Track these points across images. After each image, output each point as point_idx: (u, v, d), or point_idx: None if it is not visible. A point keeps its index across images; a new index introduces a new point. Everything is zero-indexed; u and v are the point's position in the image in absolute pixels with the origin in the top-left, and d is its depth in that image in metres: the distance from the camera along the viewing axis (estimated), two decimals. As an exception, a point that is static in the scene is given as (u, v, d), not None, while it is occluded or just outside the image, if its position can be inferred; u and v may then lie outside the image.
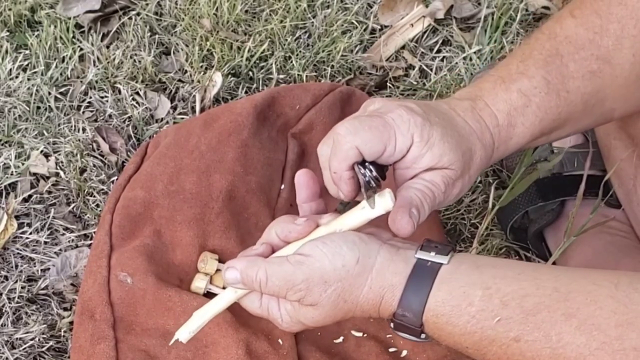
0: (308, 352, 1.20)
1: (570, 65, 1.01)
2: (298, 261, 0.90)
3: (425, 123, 0.92)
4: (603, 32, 1.01)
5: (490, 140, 0.98)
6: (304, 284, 0.90)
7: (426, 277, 0.89)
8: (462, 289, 0.88)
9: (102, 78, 1.49)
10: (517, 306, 0.85)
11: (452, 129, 0.95)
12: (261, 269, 0.91)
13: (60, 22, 1.53)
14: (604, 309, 0.82)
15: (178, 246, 1.25)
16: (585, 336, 0.82)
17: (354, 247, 0.91)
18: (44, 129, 1.43)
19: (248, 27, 1.56)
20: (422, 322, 0.89)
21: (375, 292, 0.90)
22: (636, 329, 0.81)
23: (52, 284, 1.30)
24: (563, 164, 1.36)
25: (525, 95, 0.99)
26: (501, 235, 1.40)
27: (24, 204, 1.37)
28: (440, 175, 0.94)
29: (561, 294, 0.85)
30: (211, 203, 1.28)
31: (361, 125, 0.91)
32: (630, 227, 1.31)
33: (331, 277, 0.90)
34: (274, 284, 0.90)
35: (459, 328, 0.87)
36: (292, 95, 1.40)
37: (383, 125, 0.91)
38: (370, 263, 0.90)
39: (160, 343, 1.18)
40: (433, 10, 1.60)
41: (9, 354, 1.23)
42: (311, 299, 0.90)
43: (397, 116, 0.92)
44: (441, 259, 0.90)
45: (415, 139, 0.92)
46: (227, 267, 0.93)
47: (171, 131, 1.37)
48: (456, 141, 0.94)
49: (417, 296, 0.89)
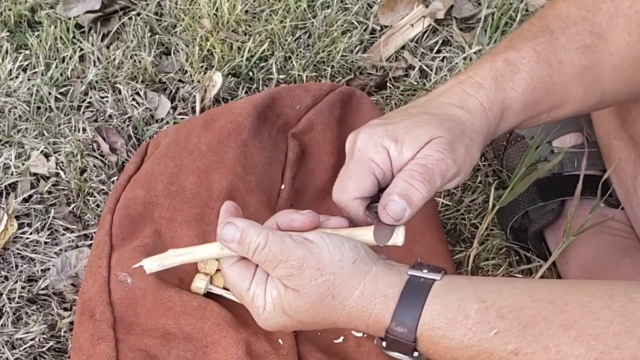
0: (308, 352, 1.20)
1: (561, 38, 1.00)
2: (300, 241, 0.90)
3: (386, 127, 0.94)
4: (596, 10, 1.01)
5: (475, 104, 0.97)
6: (297, 261, 0.89)
7: (420, 291, 0.89)
8: (457, 302, 0.87)
9: (102, 78, 1.49)
10: (514, 318, 0.85)
11: (420, 115, 0.95)
12: (263, 233, 0.90)
13: (61, 22, 1.53)
14: (600, 319, 0.82)
15: (178, 246, 1.25)
16: (584, 347, 0.81)
17: (355, 249, 0.91)
18: (44, 129, 1.43)
19: (248, 27, 1.56)
20: (417, 336, 0.88)
21: (367, 300, 0.90)
22: (634, 338, 0.80)
23: (52, 284, 1.30)
24: (563, 164, 1.36)
25: (512, 64, 0.99)
26: (501, 235, 1.40)
27: (24, 204, 1.37)
28: (430, 148, 0.93)
29: (557, 306, 0.84)
30: (211, 203, 1.28)
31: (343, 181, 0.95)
32: (630, 227, 1.31)
33: (325, 267, 0.89)
34: (270, 250, 0.89)
35: (455, 342, 0.86)
36: (292, 96, 1.40)
37: (356, 163, 0.94)
38: (366, 269, 0.90)
39: (161, 343, 1.18)
40: (433, 10, 1.60)
41: (9, 354, 1.23)
42: (300, 280, 0.89)
43: (361, 143, 0.95)
44: (434, 276, 0.90)
45: (385, 145, 0.94)
46: (226, 222, 0.92)
47: (171, 131, 1.37)
48: (426, 120, 0.94)
49: (411, 310, 0.88)
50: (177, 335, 1.18)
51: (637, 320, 0.81)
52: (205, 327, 1.18)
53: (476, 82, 0.98)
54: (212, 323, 1.18)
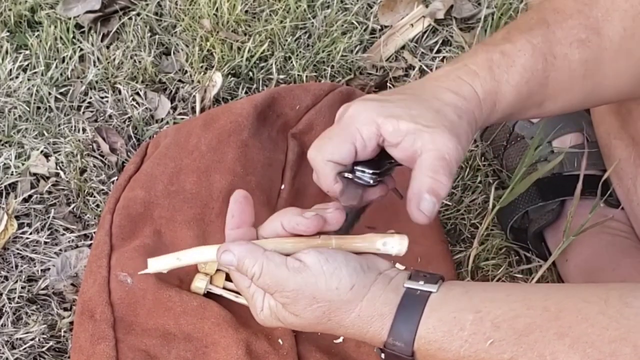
0: (308, 352, 1.20)
1: (557, 32, 1.00)
2: (295, 269, 0.90)
3: (382, 104, 0.94)
4: (592, 4, 1.01)
5: (469, 90, 0.97)
6: (292, 293, 0.89)
7: (416, 305, 0.89)
8: (452, 315, 0.87)
9: (102, 78, 1.49)
10: (508, 328, 0.84)
11: (416, 97, 0.95)
12: (258, 263, 0.90)
13: (61, 22, 1.53)
14: (595, 326, 0.81)
15: (178, 246, 1.25)
16: (579, 354, 0.81)
17: (353, 274, 0.90)
18: (44, 129, 1.43)
19: (248, 28, 1.56)
20: (414, 350, 0.88)
21: (363, 320, 0.90)
22: (629, 344, 0.80)
23: (52, 284, 1.30)
24: (563, 163, 1.36)
25: (508, 56, 0.98)
26: (501, 235, 1.40)
27: (24, 204, 1.37)
28: (443, 137, 0.92)
29: (552, 313, 0.84)
30: (211, 203, 1.28)
31: (322, 140, 0.94)
32: (630, 227, 1.31)
33: (322, 296, 0.89)
34: (265, 281, 0.90)
35: (452, 354, 0.86)
36: (292, 96, 1.40)
37: (341, 128, 0.93)
38: (363, 292, 0.90)
39: (160, 343, 1.18)
40: (433, 10, 1.60)
41: (9, 354, 1.23)
42: (295, 308, 0.90)
43: (352, 111, 0.94)
44: (430, 287, 0.90)
45: (378, 121, 0.92)
46: (223, 250, 0.92)
47: (171, 131, 1.38)
48: (420, 103, 0.94)
49: (408, 324, 0.88)
50: (177, 335, 1.18)
51: (632, 327, 0.80)
52: (205, 327, 1.18)
53: (472, 70, 0.98)
54: (212, 323, 1.18)
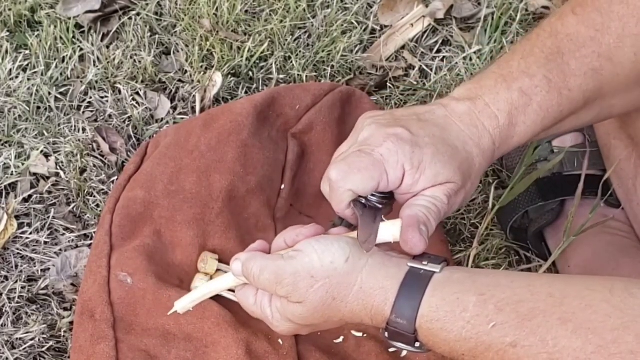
0: (308, 352, 1.20)
1: (571, 63, 1.01)
2: (290, 256, 0.93)
3: (414, 149, 0.95)
4: (604, 30, 1.01)
5: (489, 143, 0.99)
6: (291, 278, 0.91)
7: (419, 284, 0.90)
8: (455, 295, 0.88)
9: (102, 78, 1.49)
10: (512, 311, 0.85)
11: (445, 145, 0.96)
12: (257, 262, 0.94)
13: (60, 22, 1.53)
14: (599, 313, 0.82)
15: (178, 246, 1.25)
16: (582, 340, 0.81)
17: (345, 247, 0.92)
18: (44, 129, 1.43)
19: (248, 27, 1.56)
20: (416, 328, 0.89)
21: (366, 293, 0.91)
22: (632, 333, 0.80)
23: (52, 284, 1.30)
24: (563, 163, 1.36)
25: (526, 94, 1.00)
26: (501, 235, 1.40)
27: (24, 204, 1.37)
28: (441, 190, 0.96)
29: (556, 299, 0.84)
30: (211, 203, 1.28)
31: (351, 168, 0.95)
32: (630, 227, 1.32)
33: (318, 273, 0.91)
34: (265, 277, 0.93)
35: (453, 334, 0.87)
36: (292, 95, 1.40)
37: (372, 164, 0.95)
38: (361, 264, 0.91)
39: (160, 343, 1.18)
40: (433, 10, 1.60)
41: (9, 354, 1.23)
42: (297, 295, 0.92)
43: (385, 151, 0.95)
44: (434, 268, 0.91)
45: (406, 168, 0.95)
46: (234, 259, 0.97)
47: (171, 131, 1.37)
48: (450, 156, 0.96)
49: (410, 302, 0.89)
50: (177, 335, 1.18)
51: (636, 316, 0.81)
52: (205, 327, 1.18)
53: (493, 114, 0.99)
54: (212, 323, 1.18)
